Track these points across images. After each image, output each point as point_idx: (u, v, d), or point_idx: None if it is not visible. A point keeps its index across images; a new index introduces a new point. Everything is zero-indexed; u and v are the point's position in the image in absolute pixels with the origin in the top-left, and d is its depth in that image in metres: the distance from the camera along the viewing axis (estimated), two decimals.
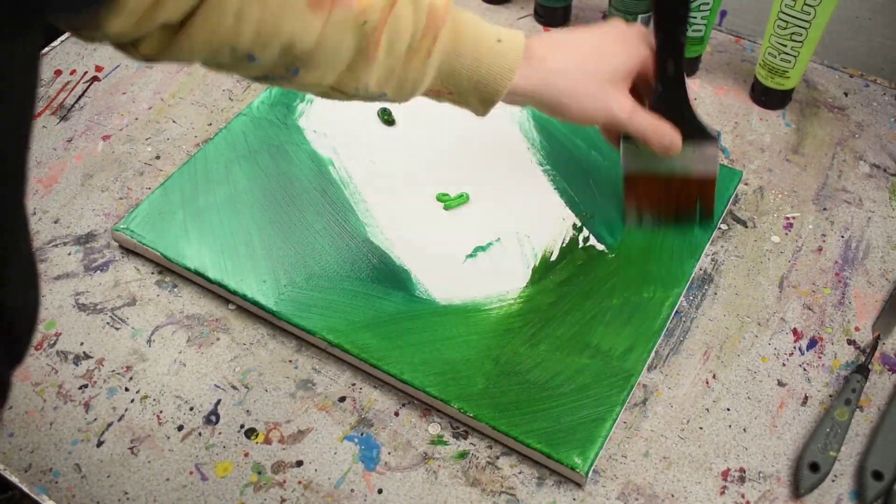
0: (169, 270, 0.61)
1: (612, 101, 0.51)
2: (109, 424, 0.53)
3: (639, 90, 0.54)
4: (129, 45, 0.38)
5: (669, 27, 0.52)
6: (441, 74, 0.47)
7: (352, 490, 0.50)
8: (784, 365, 0.55)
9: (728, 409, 0.53)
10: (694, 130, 0.55)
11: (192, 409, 0.54)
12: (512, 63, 0.47)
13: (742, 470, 0.51)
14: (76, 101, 0.74)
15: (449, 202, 0.63)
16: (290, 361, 0.56)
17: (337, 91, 0.45)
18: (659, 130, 0.53)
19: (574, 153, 0.66)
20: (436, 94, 0.49)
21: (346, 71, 0.44)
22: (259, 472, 0.51)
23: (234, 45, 0.39)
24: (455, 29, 0.46)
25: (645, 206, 0.60)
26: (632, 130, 0.53)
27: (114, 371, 0.56)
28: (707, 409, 0.53)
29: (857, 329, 0.57)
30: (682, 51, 0.53)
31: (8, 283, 0.28)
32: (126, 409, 0.54)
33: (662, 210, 0.60)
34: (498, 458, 0.51)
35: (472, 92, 0.48)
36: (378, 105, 0.69)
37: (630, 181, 0.59)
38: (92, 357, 0.56)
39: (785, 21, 0.66)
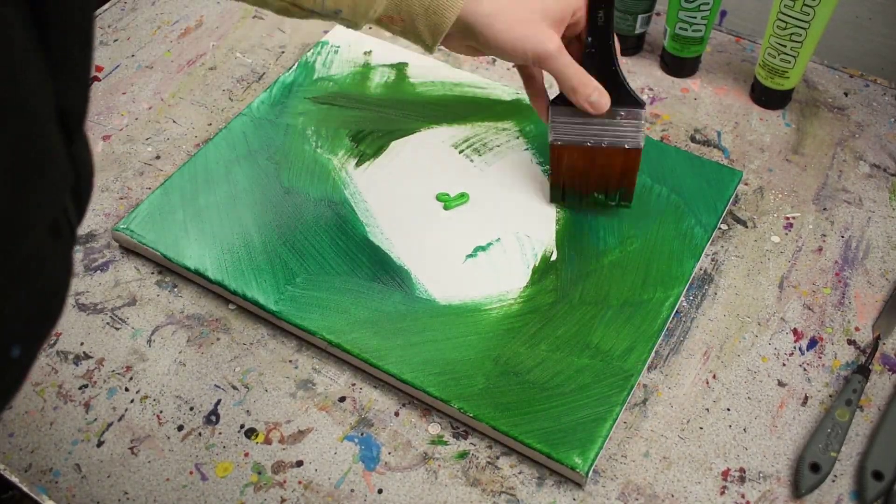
0: (169, 270, 0.61)
1: (543, 32, 0.52)
2: (109, 424, 0.53)
3: (570, 50, 0.55)
4: None
5: None
6: None
7: (352, 490, 0.50)
8: (784, 365, 0.55)
9: (728, 409, 0.53)
10: (621, 95, 0.55)
11: (192, 409, 0.54)
12: None
13: (742, 470, 0.51)
14: None
15: (449, 202, 0.63)
16: (290, 361, 0.56)
17: (296, 6, 0.49)
18: (585, 78, 0.54)
19: None
20: (388, 20, 0.52)
21: None
22: (259, 472, 0.51)
23: None
24: None
25: (568, 181, 0.60)
26: (559, 68, 0.53)
27: (114, 371, 0.56)
28: (707, 409, 0.53)
29: (857, 329, 0.57)
30: (612, 0, 0.53)
31: (79, 139, 0.30)
32: (126, 409, 0.54)
33: (585, 187, 0.60)
34: (498, 458, 0.51)
35: (422, 18, 0.51)
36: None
37: (556, 153, 0.58)
38: (92, 357, 0.56)
39: (784, 21, 0.66)
